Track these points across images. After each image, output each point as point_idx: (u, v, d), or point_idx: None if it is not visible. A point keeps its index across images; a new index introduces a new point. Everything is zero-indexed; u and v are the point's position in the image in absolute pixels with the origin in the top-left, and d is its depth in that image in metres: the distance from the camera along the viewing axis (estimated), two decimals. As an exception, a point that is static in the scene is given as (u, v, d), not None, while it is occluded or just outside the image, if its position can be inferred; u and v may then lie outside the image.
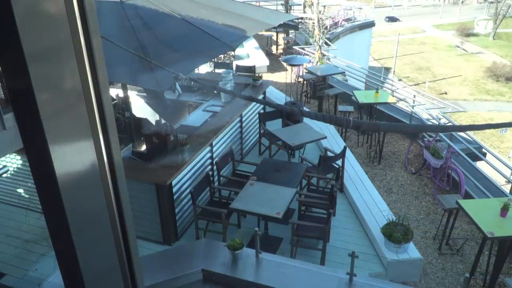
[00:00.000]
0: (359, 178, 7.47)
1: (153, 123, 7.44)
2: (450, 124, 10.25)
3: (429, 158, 8.63)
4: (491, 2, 77.70)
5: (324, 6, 24.24)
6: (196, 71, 10.51)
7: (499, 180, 9.41)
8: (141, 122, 7.67)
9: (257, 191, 5.68)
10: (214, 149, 6.98)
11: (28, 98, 0.89)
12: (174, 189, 5.90)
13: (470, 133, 10.84)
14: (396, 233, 5.51)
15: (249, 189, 5.73)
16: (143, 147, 7.01)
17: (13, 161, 6.84)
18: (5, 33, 0.85)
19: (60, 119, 0.97)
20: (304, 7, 23.41)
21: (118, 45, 4.37)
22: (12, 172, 6.89)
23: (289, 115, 8.40)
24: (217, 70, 11.75)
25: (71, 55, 0.98)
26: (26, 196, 6.93)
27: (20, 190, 7.01)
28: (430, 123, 10.44)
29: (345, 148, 7.19)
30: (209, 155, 6.86)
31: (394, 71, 54.45)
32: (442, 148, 8.76)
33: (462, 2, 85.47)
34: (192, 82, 8.50)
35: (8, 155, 6.55)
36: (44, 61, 0.92)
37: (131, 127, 7.14)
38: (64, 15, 0.94)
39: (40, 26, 0.90)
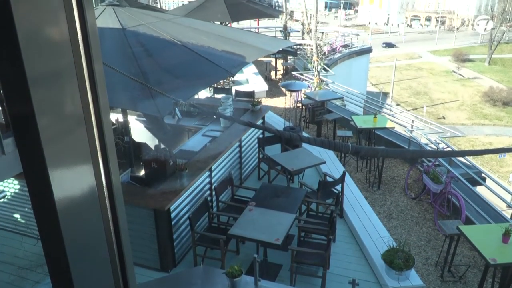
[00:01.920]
0: (358, 203, 7.43)
1: (152, 148, 7.44)
2: (448, 149, 10.27)
3: (428, 183, 8.61)
4: (486, 29, 79.09)
5: (322, 33, 24.68)
6: (196, 96, 10.58)
7: (500, 205, 9.35)
8: (140, 147, 7.67)
9: (256, 216, 5.64)
10: (213, 174, 6.95)
11: (29, 122, 0.90)
12: (173, 215, 5.84)
13: (469, 157, 10.85)
14: (397, 259, 5.44)
15: (248, 215, 5.68)
16: (142, 172, 6.99)
17: (11, 186, 6.80)
18: (8, 57, 0.86)
19: (61, 144, 0.97)
20: (303, 33, 23.81)
21: (118, 71, 4.42)
22: (9, 197, 6.83)
23: (288, 140, 8.42)
24: (216, 95, 11.85)
25: (73, 80, 0.99)
26: (23, 221, 6.85)
27: (17, 216, 6.94)
28: (428, 148, 10.46)
29: (344, 173, 7.18)
30: (208, 180, 6.84)
31: (392, 96, 54.95)
32: (441, 173, 8.75)
33: (457, 29, 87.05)
34: (192, 108, 8.55)
35: (5, 180, 6.51)
36: (46, 85, 0.93)
37: (130, 152, 7.14)
38: (67, 40, 0.95)
39: (43, 50, 0.91)
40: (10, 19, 0.81)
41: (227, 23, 15.75)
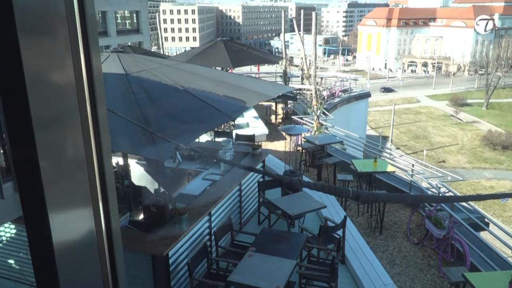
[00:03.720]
0: (360, 249, 7.30)
1: (152, 191, 7.41)
2: (450, 193, 10.22)
3: (431, 228, 8.49)
4: (482, 74, 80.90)
5: (322, 78, 25.19)
6: (196, 139, 10.67)
7: (505, 251, 9.18)
8: (140, 191, 7.63)
9: (256, 262, 5.53)
10: (213, 218, 6.88)
11: (32, 165, 0.91)
12: (171, 260, 5.73)
13: (472, 202, 10.76)
14: (401, 307, 5.28)
15: (247, 261, 5.57)
16: (141, 216, 6.92)
17: (7, 231, 6.71)
18: (15, 100, 0.88)
19: (62, 187, 0.98)
20: (302, 79, 24.31)
21: (120, 116, 4.48)
22: (4, 242, 6.73)
23: (289, 184, 8.39)
24: (217, 139, 11.93)
25: (76, 123, 1.01)
26: (17, 267, 6.70)
27: (11, 261, 6.80)
28: (430, 193, 10.40)
29: (345, 217, 7.11)
30: (207, 224, 6.76)
31: (391, 140, 55.32)
32: (443, 218, 8.65)
33: (454, 74, 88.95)
34: (192, 151, 8.59)
35: (2, 225, 6.44)
36: (51, 128, 0.94)
37: (130, 196, 7.10)
38: (72, 84, 0.98)
39: (49, 94, 0.93)
40: (19, 62, 0.84)
41: (228, 68, 16.14)
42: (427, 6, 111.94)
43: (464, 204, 9.83)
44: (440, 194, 10.04)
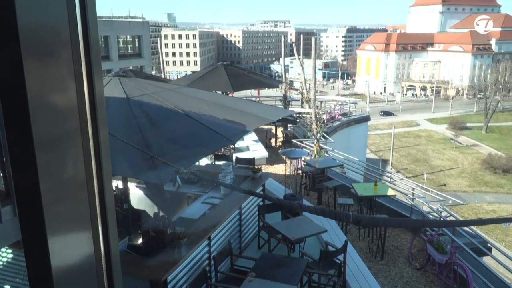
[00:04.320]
0: (362, 274, 7.19)
1: (151, 215, 7.36)
2: (451, 218, 10.14)
3: (433, 253, 8.39)
4: (480, 98, 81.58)
5: (321, 102, 25.38)
6: (196, 163, 10.65)
7: (508, 276, 9.04)
8: (139, 215, 7.58)
9: None
10: (212, 242, 6.80)
11: (32, 188, 0.90)
12: (169, 286, 5.63)
13: (473, 226, 10.66)
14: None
15: (247, 286, 5.48)
16: (140, 241, 6.84)
17: (3, 255, 6.63)
18: (18, 124, 0.88)
19: (61, 210, 0.97)
20: (302, 102, 24.50)
21: (121, 140, 4.49)
22: (0, 267, 6.63)
23: (289, 208, 8.34)
24: (217, 162, 11.92)
25: (78, 146, 1.01)
26: (14, 292, 6.59)
27: (7, 287, 6.69)
28: (431, 217, 10.32)
29: (346, 242, 7.03)
30: (206, 249, 6.68)
31: (391, 163, 55.27)
32: (445, 243, 8.56)
33: (452, 98, 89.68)
34: (192, 175, 8.57)
35: None
36: (52, 151, 0.94)
37: (129, 220, 7.04)
38: (75, 107, 0.99)
39: (52, 117, 0.93)
40: (23, 85, 0.85)
41: (228, 92, 16.26)
42: (425, 31, 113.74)
43: (466, 228, 9.74)
44: (441, 218, 9.96)
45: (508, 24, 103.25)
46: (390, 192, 9.89)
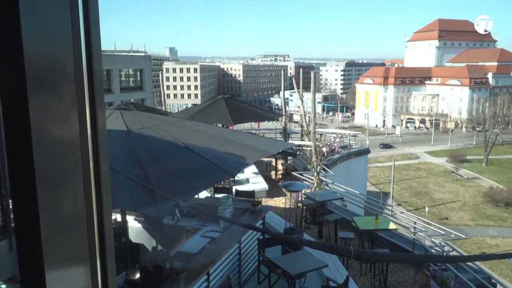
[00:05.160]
0: (365, 310, 7.00)
1: (150, 249, 7.24)
2: (454, 252, 9.98)
3: (437, 288, 8.20)
4: (479, 131, 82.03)
5: (321, 135, 25.48)
6: (196, 196, 10.58)
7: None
8: (137, 249, 7.46)
9: (257, 325, 5.28)
10: (211, 277, 6.66)
11: (32, 222, 0.89)
12: (167, 323, 5.48)
13: (477, 262, 10.48)
14: None
15: (247, 323, 5.32)
16: (137, 275, 6.70)
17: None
18: (21, 157, 0.88)
19: (60, 244, 0.95)
20: (302, 135, 24.60)
21: (121, 173, 4.48)
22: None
23: (289, 242, 8.22)
24: (217, 195, 11.83)
25: (79, 180, 1.00)
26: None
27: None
28: (433, 251, 10.16)
29: (347, 277, 6.89)
30: (205, 284, 6.53)
31: (392, 196, 54.90)
32: (449, 278, 8.39)
33: (452, 131, 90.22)
34: (191, 209, 8.50)
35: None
36: (53, 184, 0.93)
37: (127, 254, 6.93)
38: (77, 140, 0.98)
39: (54, 150, 0.93)
40: (27, 119, 0.85)
41: (229, 125, 16.36)
42: (422, 65, 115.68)
43: (470, 263, 9.56)
44: (444, 253, 9.80)
45: (504, 58, 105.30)
46: (392, 226, 9.78)
